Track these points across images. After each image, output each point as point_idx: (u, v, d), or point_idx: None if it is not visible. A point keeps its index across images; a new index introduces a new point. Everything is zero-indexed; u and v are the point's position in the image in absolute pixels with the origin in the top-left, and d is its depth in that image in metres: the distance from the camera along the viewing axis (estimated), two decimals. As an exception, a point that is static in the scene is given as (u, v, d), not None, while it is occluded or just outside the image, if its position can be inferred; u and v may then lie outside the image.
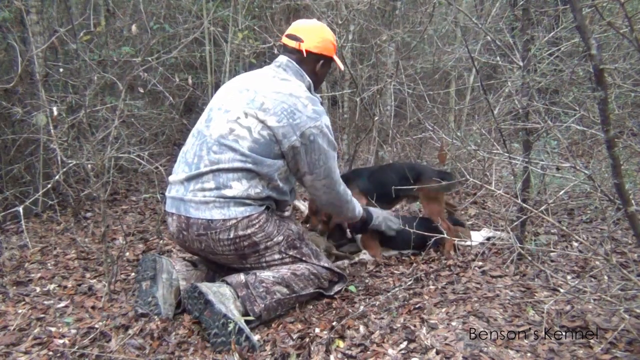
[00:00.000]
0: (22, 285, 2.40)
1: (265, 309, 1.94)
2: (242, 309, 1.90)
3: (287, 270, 2.03)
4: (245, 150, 1.92)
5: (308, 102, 2.00)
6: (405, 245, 2.67)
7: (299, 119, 1.94)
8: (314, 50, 2.09)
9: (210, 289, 1.87)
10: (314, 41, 2.08)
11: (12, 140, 3.34)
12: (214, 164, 1.93)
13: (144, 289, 1.97)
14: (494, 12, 4.10)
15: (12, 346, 1.84)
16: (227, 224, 1.92)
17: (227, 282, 1.95)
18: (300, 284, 2.05)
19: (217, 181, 1.92)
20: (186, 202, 1.96)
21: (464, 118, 4.56)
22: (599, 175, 2.61)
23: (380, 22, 4.26)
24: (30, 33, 3.20)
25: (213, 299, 1.83)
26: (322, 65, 2.15)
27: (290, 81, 2.06)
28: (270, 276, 1.99)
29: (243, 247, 1.98)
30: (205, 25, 3.56)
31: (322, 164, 2.02)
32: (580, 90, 2.79)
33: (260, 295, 1.94)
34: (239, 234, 1.94)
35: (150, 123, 4.21)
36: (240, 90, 2.04)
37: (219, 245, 1.96)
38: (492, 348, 1.69)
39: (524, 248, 2.15)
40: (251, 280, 1.95)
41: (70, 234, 3.10)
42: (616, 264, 1.68)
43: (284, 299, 2.00)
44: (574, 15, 1.43)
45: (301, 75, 2.10)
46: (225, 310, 1.81)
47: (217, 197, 1.91)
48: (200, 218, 1.92)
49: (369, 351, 1.72)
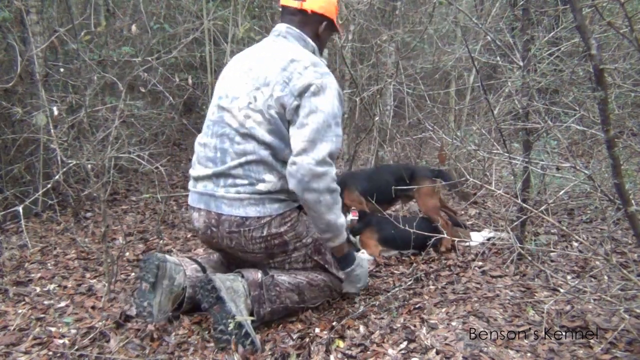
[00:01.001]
0: (22, 285, 2.40)
1: (271, 312, 1.93)
2: (250, 308, 1.88)
3: (304, 278, 1.99)
4: (265, 137, 1.82)
5: (309, 64, 1.83)
6: (405, 245, 2.67)
7: (297, 81, 1.79)
8: (318, 10, 1.93)
9: (224, 284, 1.81)
10: (319, 1, 1.93)
11: (12, 140, 3.34)
12: (241, 156, 1.84)
13: (143, 290, 1.96)
14: (494, 12, 4.10)
15: (12, 346, 1.84)
16: (262, 222, 1.86)
17: (242, 276, 1.90)
18: (312, 294, 2.02)
19: (248, 175, 1.84)
20: (218, 199, 1.87)
21: (464, 118, 4.57)
22: (599, 175, 2.61)
23: (380, 22, 4.27)
24: (30, 33, 3.20)
25: (225, 296, 1.79)
26: (325, 27, 1.98)
27: (292, 48, 1.91)
28: (286, 281, 1.95)
29: (273, 246, 1.93)
30: (205, 25, 3.56)
31: (311, 123, 1.76)
32: (580, 90, 2.79)
33: (270, 298, 1.91)
34: (272, 232, 1.89)
35: (150, 123, 4.22)
36: (244, 71, 1.92)
37: (250, 243, 1.90)
38: (492, 348, 1.69)
39: (524, 248, 2.15)
40: (267, 282, 1.91)
41: (70, 234, 3.10)
42: (616, 264, 1.68)
43: (292, 306, 1.98)
44: (574, 15, 1.43)
45: (304, 40, 1.94)
46: (235, 310, 1.78)
47: (251, 193, 1.84)
48: (233, 215, 1.85)
49: (369, 351, 1.72)
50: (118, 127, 2.62)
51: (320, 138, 1.76)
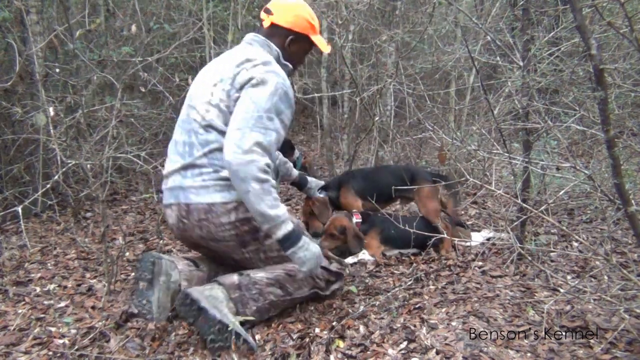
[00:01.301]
0: (22, 285, 2.40)
1: (257, 310, 1.93)
2: (234, 310, 1.89)
3: (281, 271, 2.01)
4: (223, 127, 1.89)
5: (260, 63, 1.90)
6: (406, 244, 2.67)
7: (242, 75, 1.88)
8: (281, 23, 2.03)
9: (202, 294, 1.84)
10: (285, 16, 2.04)
11: (11, 140, 3.34)
12: (204, 145, 1.91)
13: (141, 289, 1.96)
14: (494, 12, 4.10)
15: (12, 346, 1.84)
16: (228, 207, 1.89)
17: (219, 283, 1.93)
18: (294, 284, 2.02)
19: (212, 163, 1.90)
20: (186, 189, 1.93)
21: (464, 118, 4.57)
22: (599, 175, 2.61)
23: (380, 22, 4.27)
24: (30, 33, 3.20)
25: (206, 305, 1.80)
26: (293, 41, 2.06)
27: (253, 50, 2.00)
28: (264, 277, 1.97)
29: (243, 232, 1.95)
30: (205, 25, 3.56)
31: (243, 112, 1.82)
32: (580, 90, 2.79)
33: (253, 297, 1.92)
34: (240, 217, 1.91)
35: (150, 123, 4.22)
36: (208, 72, 2.04)
37: (220, 230, 1.92)
38: (492, 348, 1.69)
39: (524, 248, 2.15)
40: (244, 281, 1.93)
41: (70, 234, 3.10)
42: (616, 264, 1.68)
43: (277, 300, 1.98)
44: (574, 15, 1.43)
45: (268, 46, 2.03)
46: (220, 315, 1.79)
47: (216, 179, 1.90)
48: (200, 203, 1.90)
49: (369, 351, 1.72)
50: (116, 127, 2.62)
51: (249, 127, 1.79)
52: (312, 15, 2.09)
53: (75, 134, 3.14)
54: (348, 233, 2.60)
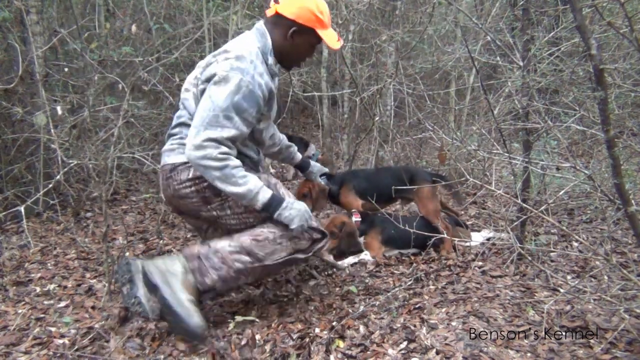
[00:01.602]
0: (22, 285, 2.40)
1: (220, 279, 1.93)
2: (193, 281, 1.91)
3: (247, 237, 1.96)
4: (191, 108, 2.00)
5: (233, 57, 1.91)
6: (405, 245, 2.67)
7: (210, 69, 1.93)
8: (285, 14, 2.00)
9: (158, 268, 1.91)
10: (289, 6, 2.01)
11: (12, 140, 3.34)
12: (178, 118, 2.07)
13: (126, 294, 1.96)
14: (494, 12, 4.10)
15: (12, 346, 1.84)
16: (187, 165, 1.97)
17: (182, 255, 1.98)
18: (265, 249, 1.96)
19: (181, 132, 2.04)
20: (163, 153, 2.08)
21: (464, 118, 4.56)
22: (599, 175, 2.61)
23: (380, 22, 4.27)
24: (30, 33, 3.20)
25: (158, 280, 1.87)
26: (296, 33, 2.02)
27: (242, 40, 2.02)
28: (226, 245, 1.95)
29: (204, 189, 1.97)
30: (205, 26, 3.56)
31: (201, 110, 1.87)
32: (580, 90, 2.79)
33: (214, 266, 1.93)
34: (197, 175, 1.95)
35: (151, 123, 4.22)
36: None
37: (182, 187, 1.98)
38: (492, 348, 1.69)
39: (524, 248, 2.16)
40: (204, 251, 1.95)
41: (70, 234, 3.10)
42: (616, 264, 1.68)
43: (245, 268, 1.94)
44: (574, 15, 1.43)
45: (265, 37, 2.03)
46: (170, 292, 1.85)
47: (180, 144, 2.01)
48: (168, 163, 2.02)
49: (369, 351, 1.72)
50: (120, 127, 2.62)
51: (203, 125, 1.85)
52: (320, 9, 2.02)
53: (78, 134, 3.14)
54: (344, 230, 2.61)
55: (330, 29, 2.10)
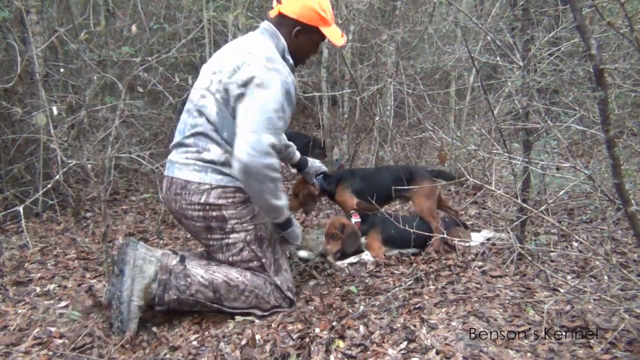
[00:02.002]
0: (22, 285, 2.40)
1: (177, 300, 1.96)
2: (154, 290, 1.93)
3: (221, 276, 2.01)
4: (211, 116, 1.95)
5: (262, 58, 1.91)
6: (405, 245, 2.67)
7: (244, 73, 1.89)
8: (288, 14, 2.01)
9: (135, 261, 1.93)
10: (292, 6, 2.02)
11: (12, 140, 3.34)
12: (194, 127, 2.00)
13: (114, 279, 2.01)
14: (494, 12, 4.10)
15: (12, 346, 1.84)
16: (201, 188, 1.96)
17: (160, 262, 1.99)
18: (230, 294, 2.02)
19: (197, 144, 1.99)
20: (173, 164, 2.04)
21: (464, 118, 4.57)
22: (599, 175, 2.61)
23: (380, 22, 4.26)
24: (30, 33, 3.20)
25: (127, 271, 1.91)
26: (299, 32, 2.04)
27: (258, 42, 2.01)
28: (199, 274, 1.99)
29: (211, 218, 1.99)
30: (205, 26, 3.56)
31: (253, 115, 1.86)
32: (580, 90, 2.79)
33: (178, 287, 1.96)
34: (210, 201, 1.96)
35: (150, 123, 4.22)
36: (216, 58, 2.07)
37: (190, 207, 1.99)
38: (492, 348, 1.69)
39: (524, 248, 2.15)
40: (177, 269, 1.97)
41: (70, 234, 3.10)
42: (616, 264, 1.68)
43: (204, 301, 1.99)
44: (574, 15, 1.43)
45: (277, 38, 2.03)
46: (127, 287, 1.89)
47: (196, 159, 1.98)
48: (180, 178, 2.00)
49: (369, 351, 1.72)
50: (118, 127, 2.62)
51: (262, 129, 1.84)
52: (322, 7, 2.03)
53: (77, 134, 3.14)
54: (345, 231, 2.61)
55: (334, 25, 2.11)
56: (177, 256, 2.04)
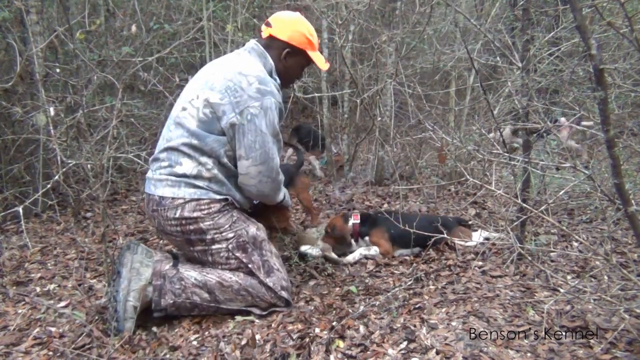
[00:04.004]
0: (22, 285, 2.40)
1: (174, 305, 1.98)
2: (149, 295, 1.96)
3: (214, 277, 2.02)
4: (191, 127, 1.97)
5: (255, 81, 1.97)
6: (406, 244, 2.67)
7: (239, 97, 1.94)
8: (279, 36, 2.09)
9: (132, 264, 1.96)
10: (283, 29, 2.09)
11: (11, 140, 3.34)
12: (167, 141, 2.02)
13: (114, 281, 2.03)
14: (493, 12, 4.10)
15: (12, 346, 1.84)
16: (175, 203, 1.97)
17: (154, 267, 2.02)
18: (225, 295, 2.03)
19: (169, 159, 2.01)
20: (149, 180, 2.07)
21: (464, 118, 4.56)
22: (599, 175, 2.61)
23: (380, 22, 4.26)
24: (30, 33, 3.20)
25: (125, 273, 1.94)
26: (289, 54, 2.12)
27: (247, 61, 2.06)
28: (192, 277, 2.00)
29: (189, 232, 2.00)
30: (205, 25, 3.56)
31: (259, 148, 1.96)
32: (580, 90, 2.79)
33: (174, 291, 1.98)
34: (185, 215, 1.97)
35: (150, 123, 4.22)
36: (202, 74, 2.11)
37: (167, 224, 2.01)
38: (492, 348, 1.69)
39: (524, 248, 2.15)
40: (170, 274, 1.99)
41: (70, 234, 3.10)
42: (616, 264, 1.68)
43: (201, 303, 2.01)
44: (574, 15, 1.43)
45: (264, 58, 2.09)
46: (124, 289, 1.91)
47: (169, 174, 2.00)
48: (155, 194, 2.02)
49: (369, 351, 1.72)
50: (116, 127, 2.62)
51: (269, 157, 2.01)
52: (310, 32, 2.14)
53: (76, 134, 3.14)
54: (334, 232, 2.67)
55: (317, 51, 2.21)
56: (171, 260, 2.07)
